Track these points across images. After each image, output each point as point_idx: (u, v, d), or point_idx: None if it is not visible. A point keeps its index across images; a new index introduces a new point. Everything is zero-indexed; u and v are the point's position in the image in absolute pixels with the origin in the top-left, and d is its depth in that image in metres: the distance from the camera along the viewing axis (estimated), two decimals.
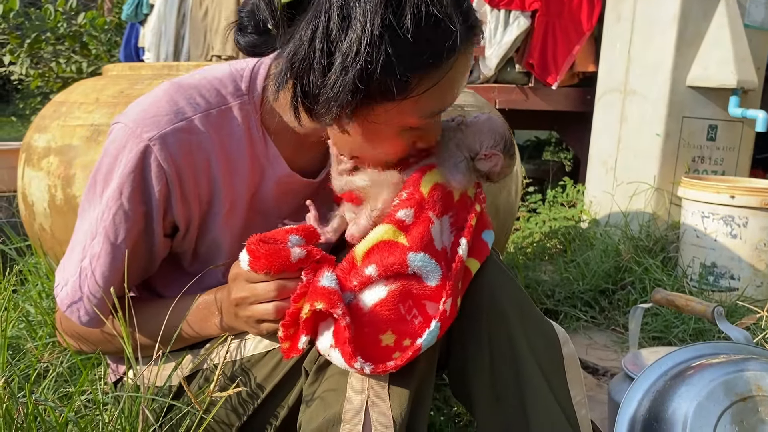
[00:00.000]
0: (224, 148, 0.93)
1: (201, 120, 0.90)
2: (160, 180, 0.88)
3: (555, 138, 5.96)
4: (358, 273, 0.83)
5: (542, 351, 0.93)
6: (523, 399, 0.90)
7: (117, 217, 0.89)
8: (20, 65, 6.19)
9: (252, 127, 0.94)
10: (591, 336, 2.18)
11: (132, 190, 0.88)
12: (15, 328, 1.46)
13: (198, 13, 3.92)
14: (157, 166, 0.87)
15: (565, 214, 3.20)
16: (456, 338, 0.93)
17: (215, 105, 0.92)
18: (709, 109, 2.85)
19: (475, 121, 0.99)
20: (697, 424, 0.98)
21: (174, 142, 0.88)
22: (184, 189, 0.91)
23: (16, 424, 0.86)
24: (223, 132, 0.92)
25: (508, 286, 0.94)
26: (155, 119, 0.88)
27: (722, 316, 1.26)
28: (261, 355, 0.93)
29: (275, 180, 0.97)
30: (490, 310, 0.91)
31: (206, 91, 0.92)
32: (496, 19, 3.52)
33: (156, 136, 0.87)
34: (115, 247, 0.91)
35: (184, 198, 0.92)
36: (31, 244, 1.85)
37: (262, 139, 0.95)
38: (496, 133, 0.98)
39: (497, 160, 0.97)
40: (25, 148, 1.73)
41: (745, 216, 2.37)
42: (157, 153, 0.87)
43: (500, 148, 0.98)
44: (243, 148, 0.94)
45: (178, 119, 0.89)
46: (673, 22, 2.78)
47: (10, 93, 10.51)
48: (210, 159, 0.92)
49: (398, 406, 0.80)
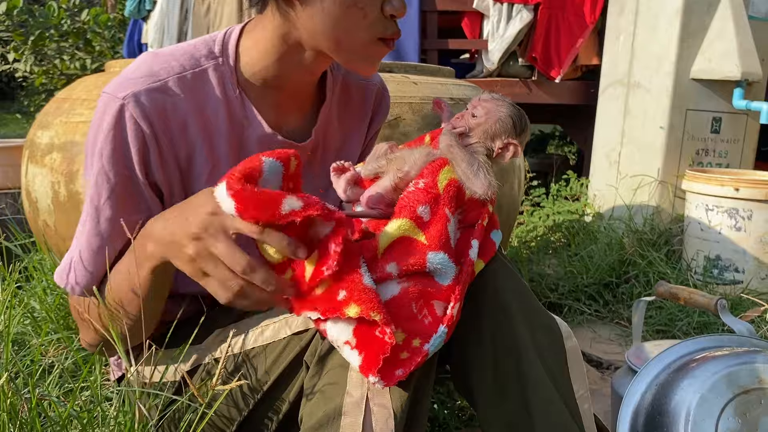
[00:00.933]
0: (200, 110, 0.94)
1: (175, 82, 0.92)
2: (137, 138, 0.89)
3: (558, 131, 5.95)
4: (378, 267, 0.81)
5: (545, 345, 0.93)
6: (525, 393, 0.90)
7: (99, 178, 0.90)
8: (24, 62, 6.21)
9: (228, 88, 0.95)
10: (595, 329, 2.18)
11: (111, 150, 0.89)
12: (20, 324, 1.47)
13: (201, 9, 3.92)
14: (133, 124, 0.88)
15: (569, 208, 3.19)
16: (458, 331, 0.93)
17: (189, 68, 0.94)
18: (713, 101, 2.84)
19: (477, 120, 0.97)
20: (700, 416, 0.98)
21: (148, 101, 0.89)
22: (161, 148, 0.91)
23: (20, 419, 0.87)
24: (198, 94, 0.94)
25: (510, 280, 0.93)
26: (131, 81, 0.90)
27: (726, 308, 1.26)
28: (261, 348, 0.94)
29: (256, 140, 0.98)
30: (492, 303, 0.91)
31: (180, 56, 0.94)
32: (498, 12, 3.51)
33: (130, 94, 0.88)
34: (98, 209, 0.91)
35: (163, 159, 0.92)
36: (36, 240, 1.86)
37: (239, 98, 0.96)
38: (503, 121, 0.96)
39: (514, 149, 0.96)
40: (28, 145, 1.74)
41: (750, 209, 2.36)
42: (132, 111, 0.88)
43: (513, 134, 0.96)
44: (220, 109, 0.95)
45: (151, 81, 0.91)
46: (676, 14, 2.77)
47: (15, 90, 10.53)
48: (186, 121, 0.93)
49: (398, 399, 0.80)
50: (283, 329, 0.92)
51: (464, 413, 1.47)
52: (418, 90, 1.74)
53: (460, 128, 0.96)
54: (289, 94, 1.00)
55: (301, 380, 0.91)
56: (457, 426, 1.42)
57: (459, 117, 0.99)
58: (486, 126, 0.96)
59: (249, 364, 0.95)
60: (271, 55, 0.95)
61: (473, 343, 0.92)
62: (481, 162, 0.93)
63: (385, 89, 1.19)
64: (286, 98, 1.00)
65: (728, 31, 2.72)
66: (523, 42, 3.54)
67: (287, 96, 1.00)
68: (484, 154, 0.95)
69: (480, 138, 0.96)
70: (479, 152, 0.95)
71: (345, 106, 1.11)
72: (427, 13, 3.67)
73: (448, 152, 0.93)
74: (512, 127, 0.96)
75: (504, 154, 0.96)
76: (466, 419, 1.46)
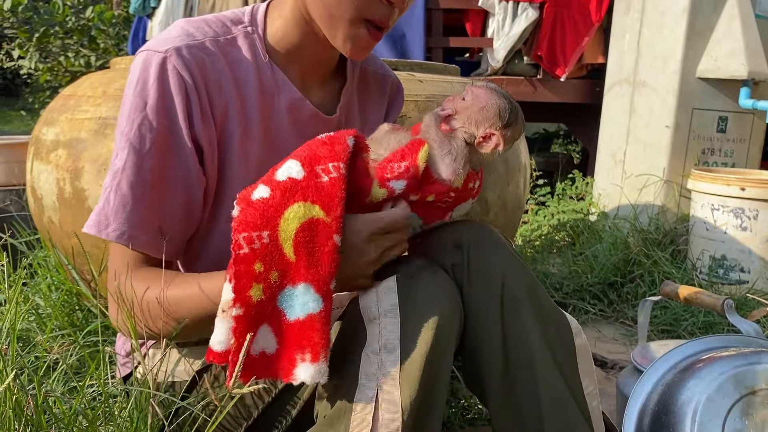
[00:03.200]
0: (234, 73, 0.96)
1: (211, 42, 0.96)
2: (181, 88, 0.91)
3: (563, 130, 5.94)
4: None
5: (555, 341, 0.93)
6: (536, 388, 0.90)
7: (143, 127, 0.90)
8: (29, 59, 6.22)
9: (258, 55, 0.99)
10: (600, 329, 2.18)
11: (156, 100, 0.90)
12: (25, 321, 1.47)
13: (205, 6, 3.92)
14: (177, 75, 0.91)
15: (574, 207, 3.18)
16: (469, 326, 0.93)
17: (221, 34, 0.98)
18: (719, 100, 2.83)
19: (464, 104, 0.95)
20: (707, 417, 0.98)
21: (189, 54, 0.92)
22: (202, 101, 0.93)
23: (26, 415, 0.87)
24: (231, 57, 0.97)
25: (521, 275, 0.93)
26: (170, 39, 0.93)
27: (732, 308, 1.26)
28: None
29: (286, 105, 1.00)
30: (503, 298, 0.91)
31: (212, 23, 0.99)
32: (504, 10, 3.50)
33: (172, 48, 0.92)
34: (141, 156, 0.90)
35: (203, 112, 0.93)
36: (41, 237, 1.86)
37: (268, 65, 0.99)
38: (487, 109, 0.93)
39: (497, 140, 0.93)
40: (33, 141, 1.74)
41: (756, 208, 2.35)
42: (175, 63, 0.91)
43: (497, 124, 0.93)
44: (251, 73, 0.98)
45: (190, 39, 0.94)
46: (683, 12, 2.76)
47: (20, 87, 10.56)
48: (221, 79, 0.95)
49: (409, 395, 0.80)
50: None
51: (468, 412, 1.47)
52: (423, 88, 1.73)
53: (448, 110, 0.95)
54: (311, 66, 1.02)
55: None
56: (462, 425, 1.42)
57: (450, 99, 0.97)
58: (470, 111, 0.94)
59: None
60: (291, 25, 0.98)
61: (484, 337, 0.92)
62: (453, 147, 0.91)
63: (401, 85, 1.21)
64: (309, 71, 1.03)
65: (735, 30, 2.71)
66: (528, 40, 3.53)
67: (309, 68, 1.02)
68: (464, 140, 0.93)
69: (464, 123, 0.94)
70: (458, 137, 0.93)
71: (365, 93, 1.13)
72: (433, 11, 3.66)
73: (425, 133, 0.92)
74: (497, 117, 0.93)
75: (485, 143, 0.94)
76: (470, 418, 1.45)
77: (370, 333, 0.82)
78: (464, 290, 0.93)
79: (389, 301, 0.83)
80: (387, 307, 0.83)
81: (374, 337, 0.82)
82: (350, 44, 0.93)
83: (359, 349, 0.83)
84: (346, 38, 0.93)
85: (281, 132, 1.00)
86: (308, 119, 1.02)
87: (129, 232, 0.90)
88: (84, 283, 1.57)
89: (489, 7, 3.55)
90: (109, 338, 1.42)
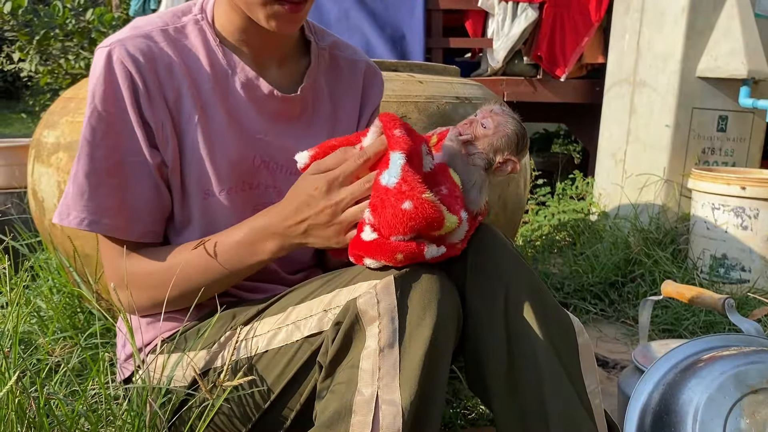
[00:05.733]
0: (184, 59, 1.01)
1: (158, 33, 1.00)
2: (126, 77, 0.96)
3: (564, 130, 5.94)
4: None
5: (559, 339, 0.93)
6: (540, 386, 0.90)
7: (92, 119, 0.96)
8: (29, 62, 6.22)
9: (208, 40, 1.03)
10: (601, 329, 2.18)
11: (103, 91, 0.96)
12: (27, 323, 1.47)
13: None
14: (120, 65, 0.96)
15: (575, 207, 3.18)
16: (470, 326, 0.93)
17: (171, 23, 1.03)
18: (719, 99, 2.83)
19: (486, 132, 0.97)
20: (708, 416, 0.98)
21: (133, 45, 0.97)
22: (149, 87, 0.97)
23: (28, 417, 0.87)
24: (179, 44, 1.02)
25: (524, 274, 0.94)
26: (118, 35, 0.99)
27: (733, 308, 1.26)
28: (274, 352, 0.93)
29: (241, 85, 1.04)
30: (506, 297, 0.91)
31: (163, 15, 1.04)
32: (503, 11, 3.50)
33: (116, 41, 0.97)
34: (93, 146, 0.96)
35: (151, 96, 0.98)
36: (42, 240, 1.86)
37: (219, 47, 1.03)
38: (508, 137, 0.97)
39: (513, 165, 0.98)
40: (34, 144, 1.74)
41: (756, 207, 2.35)
42: (118, 54, 0.96)
43: (515, 151, 0.98)
44: (202, 58, 1.02)
45: (136, 32, 1.00)
46: (682, 12, 2.76)
47: (20, 90, 10.56)
48: (171, 65, 1.00)
49: (408, 396, 0.80)
50: (295, 333, 0.92)
51: (470, 413, 1.47)
52: (423, 89, 1.73)
53: (467, 136, 0.97)
54: (261, 48, 1.06)
55: (314, 381, 0.91)
56: (463, 425, 1.42)
57: (467, 124, 0.99)
58: (492, 139, 0.97)
59: (261, 368, 0.95)
60: (231, 12, 1.02)
61: (487, 335, 0.92)
62: (477, 178, 0.95)
63: (376, 69, 1.22)
64: (260, 52, 1.06)
65: (735, 30, 2.71)
66: (528, 40, 3.53)
67: (260, 50, 1.06)
68: (483, 166, 0.97)
69: (484, 149, 0.97)
70: (478, 165, 0.96)
71: (335, 78, 1.15)
72: (432, 11, 3.66)
73: (451, 159, 0.94)
74: (515, 144, 0.98)
75: (503, 168, 0.98)
76: (472, 419, 1.45)
77: (369, 334, 0.83)
78: (466, 291, 0.93)
79: (388, 301, 0.83)
80: (385, 308, 0.83)
81: (373, 337, 0.82)
82: (273, 22, 0.96)
83: (358, 350, 0.83)
84: (267, 18, 0.96)
85: (242, 109, 1.04)
86: (266, 97, 1.05)
87: (89, 218, 0.97)
88: (85, 286, 1.57)
89: (489, 7, 3.55)
90: (110, 340, 1.42)
